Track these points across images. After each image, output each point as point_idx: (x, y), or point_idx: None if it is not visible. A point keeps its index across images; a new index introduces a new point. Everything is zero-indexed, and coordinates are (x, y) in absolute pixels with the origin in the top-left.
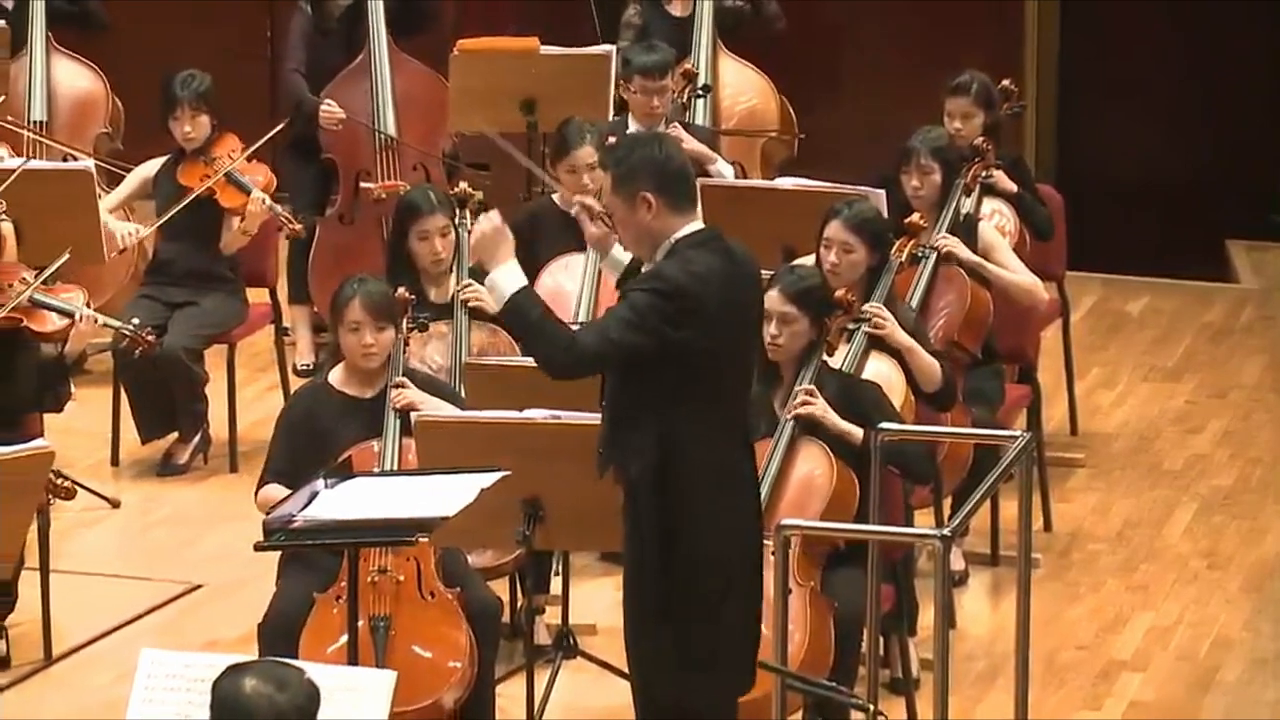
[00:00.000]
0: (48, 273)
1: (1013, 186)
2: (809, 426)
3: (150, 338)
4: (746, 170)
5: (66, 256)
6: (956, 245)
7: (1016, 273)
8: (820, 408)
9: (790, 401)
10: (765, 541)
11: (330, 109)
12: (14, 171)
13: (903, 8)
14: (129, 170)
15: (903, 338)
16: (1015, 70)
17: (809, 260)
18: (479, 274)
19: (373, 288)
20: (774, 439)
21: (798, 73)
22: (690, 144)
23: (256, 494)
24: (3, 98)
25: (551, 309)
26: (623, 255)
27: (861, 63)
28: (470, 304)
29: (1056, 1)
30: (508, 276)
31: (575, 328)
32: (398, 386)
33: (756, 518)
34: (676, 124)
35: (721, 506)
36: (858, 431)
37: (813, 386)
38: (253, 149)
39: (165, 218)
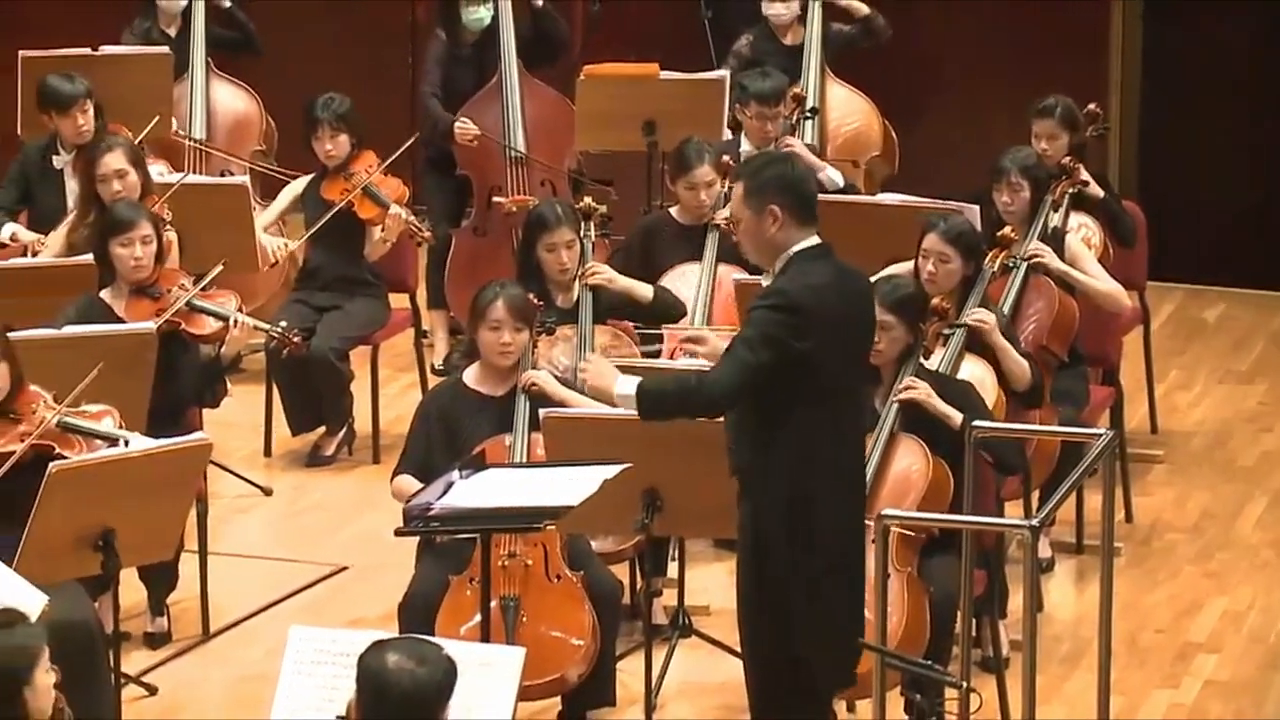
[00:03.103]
0: (206, 280)
1: (1101, 191)
2: (912, 415)
3: (296, 339)
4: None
5: (221, 267)
6: (1047, 255)
7: (1102, 281)
8: (924, 391)
9: (895, 386)
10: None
11: (465, 126)
12: (174, 185)
13: (994, 37)
14: (287, 175)
15: (999, 339)
16: (1100, 94)
17: (905, 266)
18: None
19: (514, 290)
20: (875, 434)
21: (897, 97)
22: (803, 153)
23: (392, 480)
24: (157, 118)
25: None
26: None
27: (955, 87)
28: (592, 283)
29: (1139, 29)
30: (624, 385)
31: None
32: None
33: (865, 512)
34: (787, 137)
35: (844, 505)
36: (957, 415)
37: (914, 378)
38: (387, 163)
39: (311, 231)
